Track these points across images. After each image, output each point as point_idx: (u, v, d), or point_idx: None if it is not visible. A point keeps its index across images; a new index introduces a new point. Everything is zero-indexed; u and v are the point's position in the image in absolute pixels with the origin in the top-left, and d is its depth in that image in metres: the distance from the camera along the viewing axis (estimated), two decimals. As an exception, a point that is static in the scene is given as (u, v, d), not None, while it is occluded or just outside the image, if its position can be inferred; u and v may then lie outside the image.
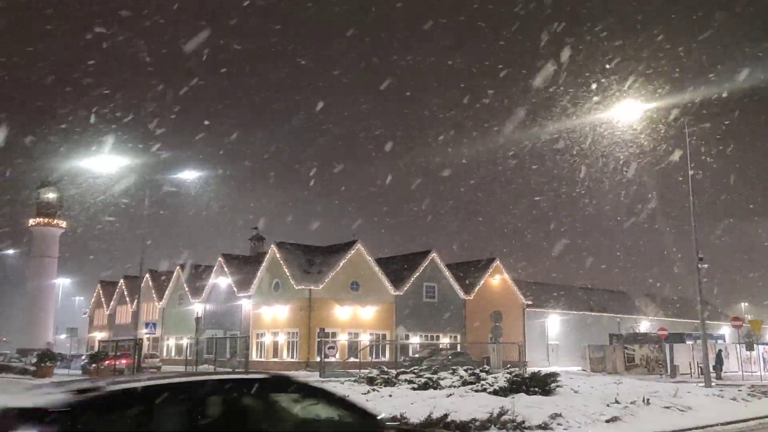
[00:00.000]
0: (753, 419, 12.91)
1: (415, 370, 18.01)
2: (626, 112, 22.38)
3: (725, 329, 60.51)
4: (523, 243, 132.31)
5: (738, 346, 39.91)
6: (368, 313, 46.00)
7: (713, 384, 22.35)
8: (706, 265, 24.50)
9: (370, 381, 15.66)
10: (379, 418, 5.02)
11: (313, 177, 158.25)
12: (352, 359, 39.90)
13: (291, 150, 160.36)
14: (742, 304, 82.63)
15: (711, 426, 12.12)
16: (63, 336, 71.29)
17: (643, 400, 12.82)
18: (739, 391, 16.42)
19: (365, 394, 13.58)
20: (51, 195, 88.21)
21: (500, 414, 10.53)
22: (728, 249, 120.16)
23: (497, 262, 53.69)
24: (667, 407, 12.91)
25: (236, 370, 28.49)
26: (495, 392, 13.21)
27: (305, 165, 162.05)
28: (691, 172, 23.54)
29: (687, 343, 41.25)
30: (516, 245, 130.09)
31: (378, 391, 14.00)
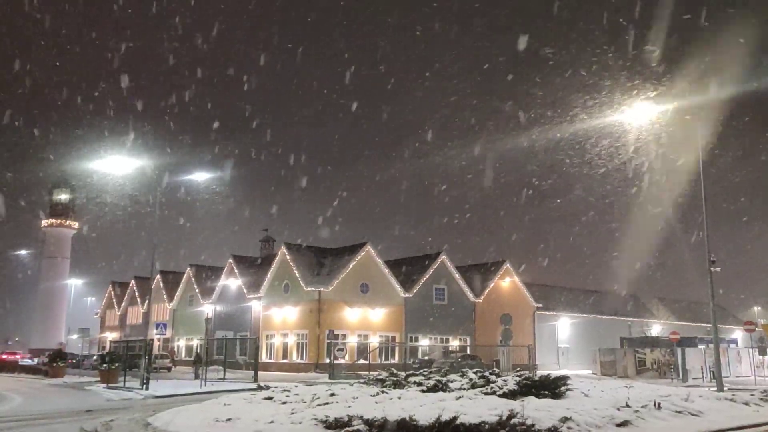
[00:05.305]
0: (766, 424, 12.78)
1: (425, 373, 17.98)
2: (640, 113, 22.23)
3: (738, 333, 60.05)
4: (533, 246, 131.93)
5: (750, 350, 39.56)
6: (378, 315, 45.98)
7: (725, 388, 22.15)
8: (718, 269, 24.22)
9: (380, 383, 15.64)
10: None
11: (323, 179, 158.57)
12: (361, 361, 39.97)
13: (301, 152, 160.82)
14: (755, 308, 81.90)
15: (723, 431, 12.00)
16: (75, 336, 71.83)
17: (654, 405, 12.71)
18: (752, 395, 16.21)
19: (374, 396, 13.57)
20: (64, 196, 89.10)
21: (510, 417, 10.48)
22: (742, 252, 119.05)
23: (507, 265, 53.52)
24: (679, 411, 12.80)
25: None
26: (504, 395, 13.15)
27: (315, 167, 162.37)
28: (702, 175, 23.36)
29: (699, 347, 40.94)
30: (526, 248, 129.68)
31: (387, 393, 13.97)
